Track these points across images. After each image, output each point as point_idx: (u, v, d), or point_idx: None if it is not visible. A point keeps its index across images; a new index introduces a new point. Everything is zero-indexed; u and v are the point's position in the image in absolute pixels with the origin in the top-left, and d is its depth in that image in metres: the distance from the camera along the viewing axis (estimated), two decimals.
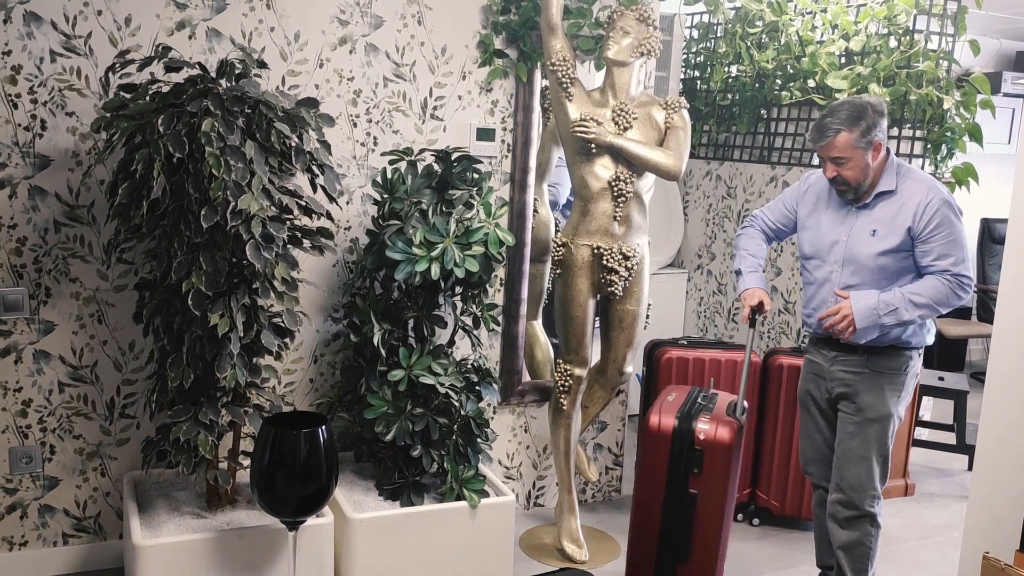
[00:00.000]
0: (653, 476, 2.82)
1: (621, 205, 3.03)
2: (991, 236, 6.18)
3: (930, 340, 2.72)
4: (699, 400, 2.90)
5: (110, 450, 2.96)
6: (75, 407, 2.89)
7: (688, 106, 3.10)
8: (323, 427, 2.40)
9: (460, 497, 2.89)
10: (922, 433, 4.64)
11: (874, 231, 2.64)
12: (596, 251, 3.05)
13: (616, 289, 3.08)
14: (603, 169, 3.03)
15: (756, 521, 3.62)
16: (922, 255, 2.60)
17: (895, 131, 3.71)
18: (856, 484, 2.68)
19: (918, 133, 3.69)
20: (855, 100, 2.64)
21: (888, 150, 2.68)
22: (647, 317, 3.24)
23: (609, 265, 3.04)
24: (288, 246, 2.59)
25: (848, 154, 2.59)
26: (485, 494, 2.93)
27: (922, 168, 3.71)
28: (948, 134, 3.64)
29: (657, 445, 2.80)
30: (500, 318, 3.41)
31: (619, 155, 3.01)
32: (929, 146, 3.69)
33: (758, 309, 2.83)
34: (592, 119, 3.00)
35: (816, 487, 2.91)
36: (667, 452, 2.78)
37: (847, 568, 2.73)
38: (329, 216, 2.72)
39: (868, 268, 2.64)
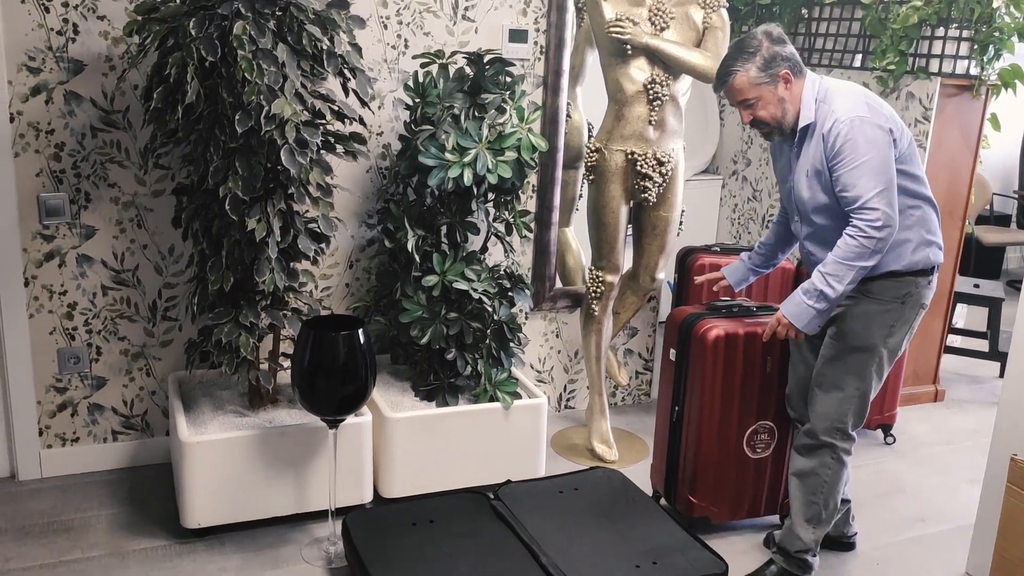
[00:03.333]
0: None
1: (656, 109, 2.98)
2: None
3: (937, 259, 2.47)
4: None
5: (154, 351, 3.05)
6: (119, 310, 2.97)
7: (727, 5, 3.01)
8: (361, 330, 2.45)
9: (493, 399, 2.96)
10: (955, 340, 4.63)
11: (807, 171, 2.40)
12: (630, 156, 3.02)
13: (650, 195, 3.06)
14: (638, 71, 2.97)
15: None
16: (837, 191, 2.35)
17: (940, 31, 3.59)
18: (821, 412, 2.49)
19: (965, 33, 3.57)
20: (746, 37, 2.39)
21: (805, 74, 2.40)
22: (680, 224, 3.23)
23: (643, 171, 3.02)
24: (321, 151, 2.60)
25: (753, 94, 2.37)
26: (518, 396, 3.00)
27: (967, 71, 3.59)
28: (996, 34, 3.51)
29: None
30: (532, 225, 3.41)
31: (655, 57, 2.95)
32: (976, 47, 3.56)
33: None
34: (628, 19, 2.93)
35: (794, 423, 2.72)
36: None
37: (795, 495, 2.56)
38: (361, 121, 2.71)
39: (819, 212, 2.41)
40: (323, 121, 2.54)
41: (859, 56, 3.98)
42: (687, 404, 2.78)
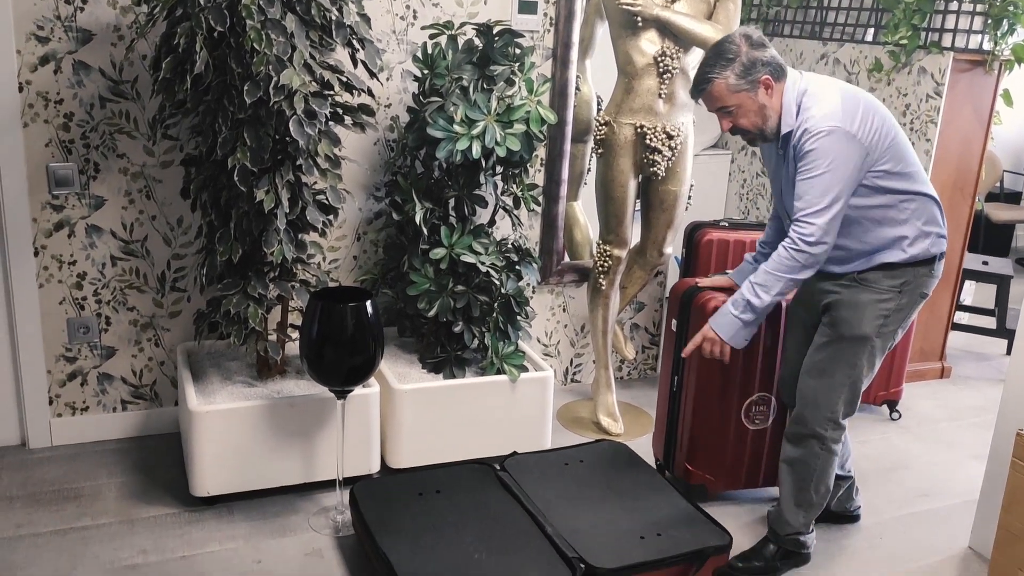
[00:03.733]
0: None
1: (666, 82, 2.96)
2: None
3: (938, 248, 2.40)
4: None
5: (163, 322, 3.06)
6: (128, 280, 2.98)
7: None
8: (369, 302, 2.45)
9: (500, 371, 2.97)
10: (962, 317, 4.63)
11: (790, 177, 2.37)
12: (639, 130, 3.01)
13: (658, 169, 3.05)
14: (649, 44, 2.95)
15: None
16: None
17: (954, 5, 3.55)
18: (810, 399, 2.45)
19: (978, 8, 3.53)
20: (725, 40, 2.32)
21: (787, 77, 2.33)
22: (689, 198, 3.22)
23: (652, 144, 3.00)
24: (330, 123, 2.59)
25: (732, 101, 2.30)
26: (524, 369, 3.01)
27: (980, 46, 3.56)
28: (1010, 9, 3.47)
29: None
30: (540, 198, 3.41)
31: (666, 29, 2.93)
32: (989, 22, 3.53)
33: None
34: None
35: (789, 409, 2.70)
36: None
37: (785, 483, 2.53)
38: (370, 92, 2.71)
39: None
40: (331, 92, 2.53)
41: (871, 30, 3.95)
42: (686, 374, 2.80)
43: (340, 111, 2.61)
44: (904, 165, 2.36)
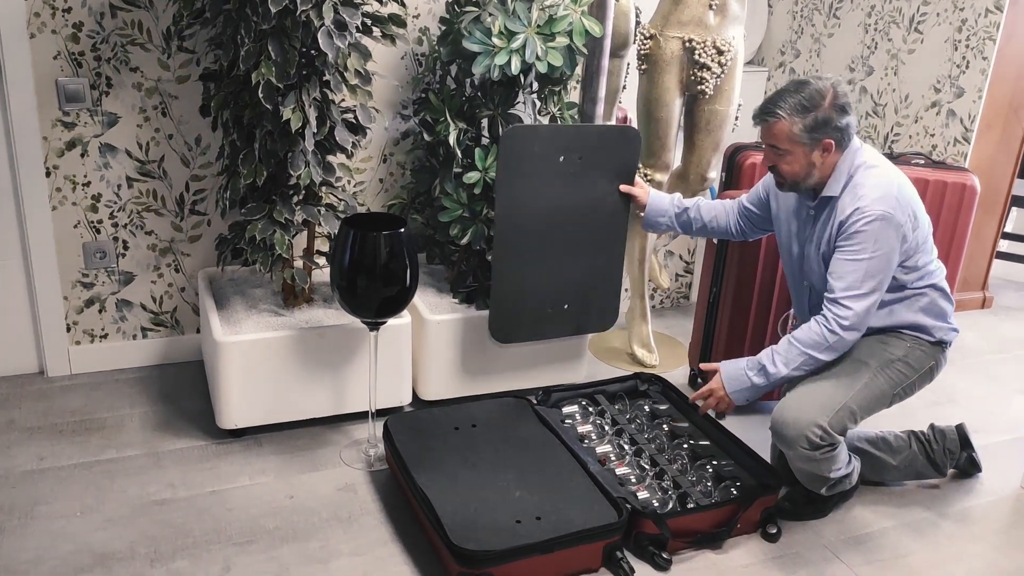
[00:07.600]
0: None
1: None
2: None
3: (947, 337, 2.35)
4: None
5: (183, 247, 2.92)
6: (145, 203, 2.83)
7: None
8: (403, 229, 2.31)
9: None
10: (1003, 245, 4.47)
11: (819, 246, 2.30)
12: (687, 44, 2.81)
13: (706, 87, 2.86)
14: None
15: None
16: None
17: None
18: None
19: None
20: (814, 85, 2.17)
21: (847, 148, 2.23)
22: (736, 119, 3.03)
23: (701, 60, 2.81)
24: (359, 35, 2.40)
25: (787, 146, 2.19)
26: None
27: None
28: None
29: None
30: (577, 118, 3.21)
31: None
32: None
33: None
34: None
35: None
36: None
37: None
38: (401, 2, 2.51)
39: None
40: (360, 1, 2.34)
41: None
42: (724, 286, 2.84)
43: (369, 22, 2.42)
44: (926, 259, 2.30)
